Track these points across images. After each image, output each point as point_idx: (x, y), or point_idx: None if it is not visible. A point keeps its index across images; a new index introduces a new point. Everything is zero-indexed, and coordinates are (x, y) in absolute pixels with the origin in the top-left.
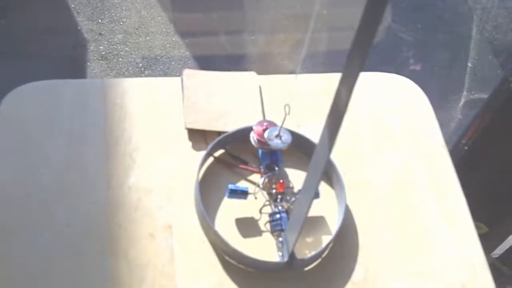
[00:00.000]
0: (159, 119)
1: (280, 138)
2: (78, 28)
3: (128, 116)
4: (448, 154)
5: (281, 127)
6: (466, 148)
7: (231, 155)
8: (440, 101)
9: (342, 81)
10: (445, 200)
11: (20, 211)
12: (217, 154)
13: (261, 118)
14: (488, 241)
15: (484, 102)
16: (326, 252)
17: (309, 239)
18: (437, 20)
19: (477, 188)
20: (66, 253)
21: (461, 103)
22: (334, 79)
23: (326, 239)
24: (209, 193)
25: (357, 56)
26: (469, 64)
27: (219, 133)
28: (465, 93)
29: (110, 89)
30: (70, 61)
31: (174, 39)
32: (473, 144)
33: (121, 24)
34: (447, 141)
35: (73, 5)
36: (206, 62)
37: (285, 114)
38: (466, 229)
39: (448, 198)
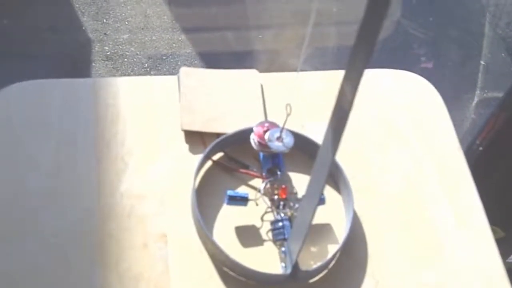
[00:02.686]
0: (154, 120)
1: (282, 140)
2: (83, 28)
3: (121, 118)
4: (463, 156)
5: (283, 128)
6: (480, 148)
7: (230, 159)
8: (452, 100)
9: (346, 78)
10: (460, 205)
11: (5, 218)
12: (215, 157)
13: (262, 119)
14: (504, 246)
15: (499, 100)
16: (332, 263)
17: (314, 249)
18: (449, 17)
19: (492, 191)
20: (53, 263)
21: (474, 102)
22: (340, 76)
23: (332, 249)
24: (206, 199)
25: (362, 50)
26: (482, 62)
27: (218, 134)
28: (478, 91)
29: (102, 89)
30: (74, 61)
31: (180, 38)
32: (488, 144)
33: (126, 24)
34: (460, 142)
35: (77, 5)
36: (213, 60)
37: (287, 115)
38: (483, 235)
39: (463, 204)
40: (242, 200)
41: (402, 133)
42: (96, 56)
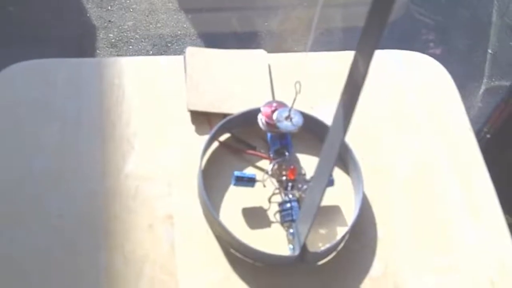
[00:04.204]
0: (160, 101)
1: (291, 120)
2: (87, 15)
3: (126, 98)
4: (475, 138)
5: (292, 107)
6: (488, 136)
7: (237, 140)
8: (459, 88)
9: (359, 50)
10: (472, 188)
11: (9, 200)
12: (222, 138)
13: (270, 100)
14: None
15: (508, 87)
16: (341, 245)
17: (322, 231)
18: (456, 5)
19: (500, 178)
20: (57, 245)
21: (481, 90)
22: (349, 57)
23: (341, 231)
24: (213, 180)
25: (376, 19)
26: (489, 51)
27: (225, 115)
28: (485, 80)
29: (106, 69)
30: (78, 48)
31: (185, 25)
32: (496, 131)
33: (131, 11)
34: None
35: None
36: (219, 48)
37: (296, 93)
38: (495, 220)
39: (474, 186)
40: (250, 181)
41: (413, 114)
42: (100, 43)
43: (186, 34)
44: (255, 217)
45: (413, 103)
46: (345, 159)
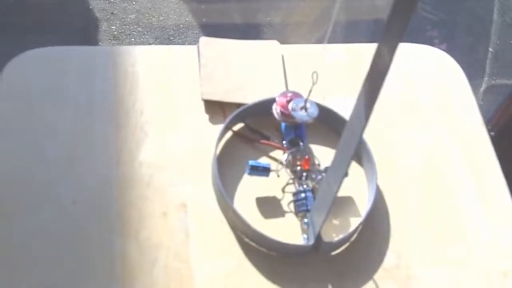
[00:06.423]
0: (174, 89)
1: (306, 110)
2: (90, 7)
3: (140, 86)
4: (487, 132)
5: (308, 97)
6: (492, 133)
7: (251, 129)
8: None
9: (384, 38)
10: (483, 182)
11: (22, 187)
12: (236, 128)
13: (283, 90)
14: None
15: None
16: (355, 236)
17: (336, 221)
18: (457, 3)
19: (507, 175)
20: (71, 232)
21: (482, 88)
22: (362, 49)
23: (355, 222)
24: (227, 169)
25: (403, 5)
26: (490, 49)
27: (238, 105)
28: (486, 78)
29: (120, 57)
30: (81, 40)
31: (187, 19)
32: (501, 129)
33: (133, 4)
34: None
35: None
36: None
37: (313, 83)
38: (506, 213)
39: (486, 180)
40: (264, 171)
41: (424, 108)
42: (103, 36)
43: (188, 27)
44: (269, 206)
45: (424, 97)
46: (358, 150)
